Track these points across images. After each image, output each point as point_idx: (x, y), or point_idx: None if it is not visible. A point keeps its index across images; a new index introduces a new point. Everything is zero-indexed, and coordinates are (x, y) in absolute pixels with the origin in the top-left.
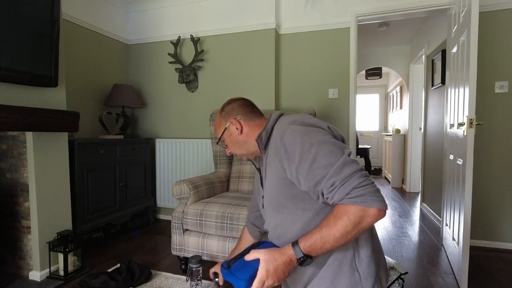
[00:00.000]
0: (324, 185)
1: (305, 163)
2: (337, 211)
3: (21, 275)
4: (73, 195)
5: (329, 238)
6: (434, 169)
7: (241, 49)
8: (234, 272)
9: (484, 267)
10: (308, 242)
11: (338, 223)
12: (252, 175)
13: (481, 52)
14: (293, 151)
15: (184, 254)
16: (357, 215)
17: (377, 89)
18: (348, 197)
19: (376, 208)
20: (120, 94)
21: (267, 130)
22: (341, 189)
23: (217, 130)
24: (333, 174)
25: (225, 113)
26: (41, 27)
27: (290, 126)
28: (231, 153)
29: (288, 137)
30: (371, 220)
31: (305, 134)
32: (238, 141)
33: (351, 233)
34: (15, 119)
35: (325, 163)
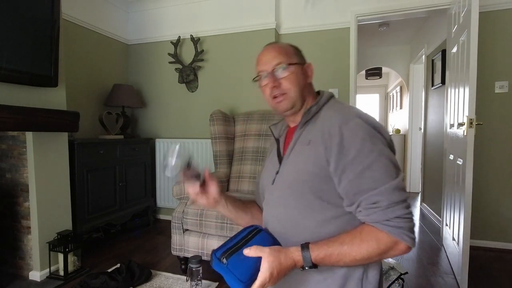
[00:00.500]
0: (367, 198)
1: (357, 166)
2: (366, 234)
3: (21, 275)
4: (73, 195)
5: (347, 257)
6: (434, 169)
7: (241, 49)
8: (232, 269)
9: (484, 267)
10: (322, 252)
11: (363, 245)
12: (252, 175)
13: (481, 52)
14: (349, 148)
15: (184, 254)
16: (388, 245)
17: (377, 89)
18: (387, 224)
19: (407, 245)
20: (120, 94)
21: (318, 106)
22: (383, 212)
23: (286, 54)
24: (382, 193)
25: (300, 52)
26: (41, 27)
27: (356, 119)
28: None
29: (349, 130)
30: (396, 254)
31: (369, 136)
32: (303, 85)
33: (372, 259)
34: (15, 119)
35: (378, 176)
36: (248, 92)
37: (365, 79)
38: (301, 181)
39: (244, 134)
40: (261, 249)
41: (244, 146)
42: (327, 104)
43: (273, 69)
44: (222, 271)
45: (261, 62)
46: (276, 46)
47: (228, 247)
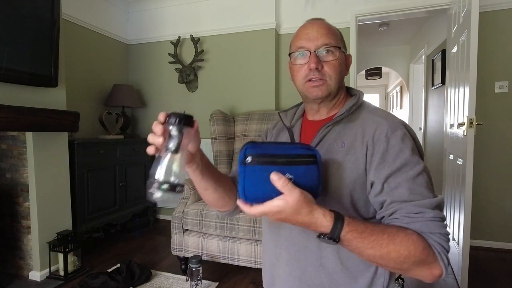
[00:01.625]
0: (407, 207)
1: (402, 176)
2: (413, 235)
3: (21, 275)
4: (73, 195)
5: (381, 249)
6: (434, 169)
7: (241, 49)
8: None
9: (484, 267)
10: (356, 231)
11: (405, 244)
12: None
13: (481, 52)
14: (395, 158)
15: (184, 254)
16: (427, 259)
17: (377, 89)
18: (430, 237)
19: (442, 270)
20: (120, 94)
21: (357, 104)
22: (428, 223)
23: (336, 38)
24: (426, 205)
25: (344, 41)
26: (41, 27)
27: (403, 129)
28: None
29: (397, 140)
30: (426, 274)
31: (415, 149)
32: (342, 74)
33: (404, 264)
34: (15, 119)
35: (421, 191)
36: (248, 92)
37: (365, 79)
38: (333, 187)
39: (244, 134)
40: (290, 189)
41: None
42: (363, 106)
43: (317, 48)
44: (240, 169)
45: (305, 37)
46: (326, 23)
47: (265, 153)
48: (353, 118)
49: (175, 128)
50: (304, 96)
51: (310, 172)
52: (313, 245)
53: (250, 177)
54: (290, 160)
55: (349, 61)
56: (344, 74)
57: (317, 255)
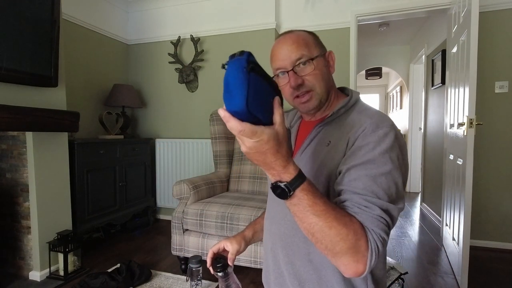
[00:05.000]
0: (357, 199)
1: (363, 171)
2: (357, 224)
3: (21, 275)
4: (73, 195)
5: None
6: (434, 169)
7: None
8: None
9: (484, 267)
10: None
11: (344, 229)
12: (252, 175)
13: (481, 52)
14: (366, 153)
15: (184, 254)
16: (358, 251)
17: (377, 89)
18: (370, 234)
19: (363, 268)
20: (120, 94)
21: (348, 106)
22: (373, 219)
23: (308, 47)
24: (375, 203)
25: (320, 41)
26: (41, 27)
27: (386, 129)
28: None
29: (375, 137)
30: (348, 267)
31: (391, 150)
32: (328, 78)
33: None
34: (15, 119)
35: (377, 191)
36: None
37: (365, 79)
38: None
39: None
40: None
41: None
42: (355, 107)
43: (293, 65)
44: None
45: (278, 58)
46: (294, 36)
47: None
48: (343, 118)
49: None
50: (301, 111)
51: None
52: (301, 240)
53: (254, 86)
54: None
55: (331, 58)
56: (329, 74)
57: (305, 251)
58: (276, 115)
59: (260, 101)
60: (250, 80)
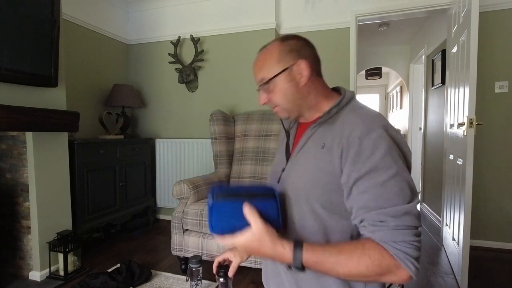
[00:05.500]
0: (372, 216)
1: (370, 181)
2: (369, 249)
3: (21, 275)
4: (73, 195)
5: (342, 268)
6: (434, 169)
7: (241, 49)
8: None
9: (484, 267)
10: (315, 256)
11: (363, 260)
12: (252, 175)
13: (481, 52)
14: (366, 161)
15: (184, 254)
16: (389, 267)
17: (377, 89)
18: (393, 246)
19: (409, 274)
20: (120, 94)
21: (339, 108)
22: (391, 232)
23: (267, 67)
24: (390, 213)
25: (290, 49)
26: (41, 27)
27: (379, 130)
28: (267, 103)
29: (370, 142)
30: (395, 280)
31: (389, 151)
32: (295, 92)
33: (367, 278)
34: (15, 119)
35: (390, 197)
36: (248, 92)
37: (365, 79)
38: (310, 188)
39: (244, 134)
40: (257, 220)
41: (244, 146)
42: (348, 106)
43: (259, 86)
44: (208, 207)
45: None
46: (259, 57)
47: (228, 191)
48: (336, 118)
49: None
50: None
51: (269, 205)
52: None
53: (216, 212)
54: (251, 194)
55: (299, 70)
56: (297, 88)
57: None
58: (249, 217)
59: (228, 218)
60: (213, 209)
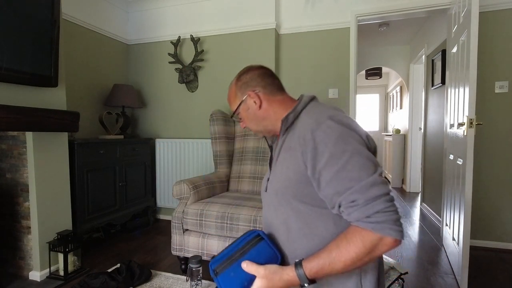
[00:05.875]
0: (345, 198)
1: (332, 168)
2: (351, 234)
3: (21, 275)
4: (73, 195)
5: (339, 264)
6: (434, 169)
7: (241, 49)
8: (222, 284)
9: (484, 267)
10: (315, 266)
11: (350, 247)
12: (252, 175)
13: (481, 52)
14: (323, 151)
15: (184, 254)
16: (373, 242)
17: (377, 89)
18: (368, 221)
19: (393, 238)
20: (120, 94)
21: (296, 112)
22: (362, 209)
23: (232, 102)
24: (358, 190)
25: (242, 84)
26: (41, 27)
27: (327, 121)
28: (246, 128)
29: (321, 134)
30: (385, 249)
31: (341, 136)
32: (256, 116)
33: (363, 260)
34: (15, 119)
35: (354, 175)
36: None
37: (365, 79)
38: (284, 187)
39: (244, 134)
40: (257, 268)
41: (244, 146)
42: (305, 109)
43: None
44: (215, 281)
45: None
46: (227, 93)
47: (224, 259)
48: (296, 123)
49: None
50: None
51: (261, 249)
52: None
53: (224, 282)
54: (244, 250)
55: (250, 100)
56: (257, 113)
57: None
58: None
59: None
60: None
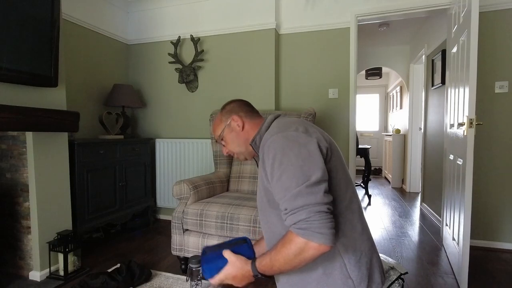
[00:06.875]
0: (281, 205)
1: (273, 178)
2: (286, 238)
3: (21, 275)
4: (73, 195)
5: (276, 262)
6: (434, 169)
7: (241, 49)
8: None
9: (484, 267)
10: (262, 262)
11: (283, 249)
12: (252, 175)
13: (481, 52)
14: (267, 164)
15: (184, 254)
16: (299, 246)
17: (377, 89)
18: (295, 227)
19: (317, 243)
20: (120, 94)
21: (261, 133)
22: (291, 217)
23: (217, 128)
24: (287, 200)
25: (226, 111)
26: (41, 27)
27: (273, 137)
28: (228, 153)
29: (267, 149)
30: (312, 252)
31: (281, 149)
32: (239, 138)
33: (293, 261)
34: (15, 119)
35: (286, 185)
36: (248, 92)
37: (365, 79)
38: (261, 199)
39: None
40: (231, 255)
41: None
42: (268, 130)
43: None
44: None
45: None
46: (212, 124)
47: (214, 246)
48: (264, 141)
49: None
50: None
51: (242, 248)
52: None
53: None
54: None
55: (234, 123)
56: (238, 135)
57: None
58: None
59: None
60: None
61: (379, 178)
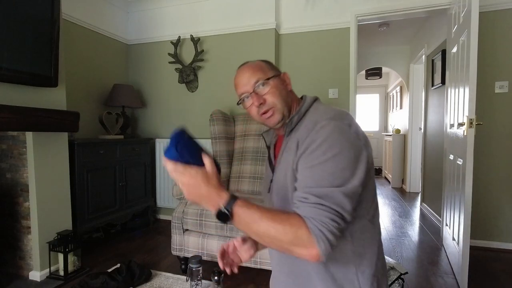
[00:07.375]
0: (299, 194)
1: (310, 161)
2: (294, 218)
3: (21, 275)
4: (73, 195)
5: (261, 227)
6: (434, 169)
7: (241, 49)
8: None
9: (484, 267)
10: (245, 206)
11: (284, 224)
12: (252, 175)
13: (481, 52)
14: (308, 150)
15: (184, 254)
16: (303, 239)
17: (377, 89)
18: (311, 222)
19: (319, 253)
20: (120, 94)
21: (300, 114)
22: (310, 208)
23: (264, 69)
24: (313, 192)
25: (272, 66)
26: (41, 27)
27: (324, 122)
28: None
29: (314, 134)
30: (305, 254)
31: (329, 138)
32: (285, 94)
33: (281, 244)
34: (15, 119)
35: (320, 177)
36: None
37: (365, 79)
38: (284, 188)
39: (244, 134)
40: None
41: (244, 146)
42: (309, 110)
43: (253, 87)
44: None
45: (240, 84)
46: (250, 65)
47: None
48: (301, 124)
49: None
50: (268, 126)
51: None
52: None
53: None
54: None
55: (286, 77)
56: (287, 91)
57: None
58: (205, 160)
59: (189, 151)
60: (182, 140)
61: (379, 178)
